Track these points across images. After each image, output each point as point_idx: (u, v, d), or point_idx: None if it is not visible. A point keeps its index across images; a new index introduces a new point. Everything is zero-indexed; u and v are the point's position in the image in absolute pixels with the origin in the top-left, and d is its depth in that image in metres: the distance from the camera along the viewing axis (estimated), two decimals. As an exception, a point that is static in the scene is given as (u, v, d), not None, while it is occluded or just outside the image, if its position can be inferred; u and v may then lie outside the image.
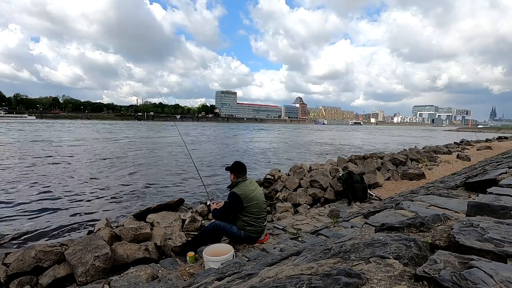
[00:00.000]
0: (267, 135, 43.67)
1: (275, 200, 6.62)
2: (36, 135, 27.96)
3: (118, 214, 6.18)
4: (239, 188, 3.23)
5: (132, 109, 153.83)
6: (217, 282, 1.58)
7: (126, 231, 3.73)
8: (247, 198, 3.19)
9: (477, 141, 20.72)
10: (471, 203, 1.73)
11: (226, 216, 3.32)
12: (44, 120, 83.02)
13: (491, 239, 1.05)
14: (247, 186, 3.27)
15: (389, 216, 2.39)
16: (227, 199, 3.34)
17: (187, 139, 28.63)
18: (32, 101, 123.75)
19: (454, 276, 0.78)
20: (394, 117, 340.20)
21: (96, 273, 2.71)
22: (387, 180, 7.35)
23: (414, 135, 57.23)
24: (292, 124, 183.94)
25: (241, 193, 3.18)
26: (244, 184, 3.28)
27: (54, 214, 6.04)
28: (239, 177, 3.35)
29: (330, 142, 30.98)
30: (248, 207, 3.20)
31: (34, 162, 12.46)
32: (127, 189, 8.33)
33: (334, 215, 4.42)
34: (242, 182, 3.30)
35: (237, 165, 3.39)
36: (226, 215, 3.32)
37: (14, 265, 2.91)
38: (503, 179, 2.60)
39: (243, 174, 3.38)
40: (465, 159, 10.12)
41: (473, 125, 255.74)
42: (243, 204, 3.17)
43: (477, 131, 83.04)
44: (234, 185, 3.33)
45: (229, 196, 3.29)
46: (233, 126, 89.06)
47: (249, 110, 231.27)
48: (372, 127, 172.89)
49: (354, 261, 1.04)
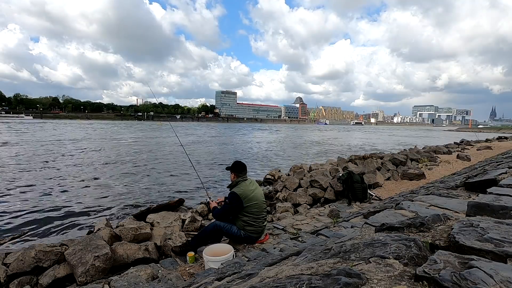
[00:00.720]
0: (268, 135, 43.66)
1: (275, 200, 6.62)
2: (32, 135, 27.96)
3: (118, 214, 6.18)
4: (239, 188, 3.23)
5: (132, 109, 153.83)
6: (217, 282, 1.58)
7: (126, 231, 3.73)
8: (247, 198, 3.18)
9: (477, 141, 20.71)
10: (471, 203, 1.73)
11: (226, 216, 3.32)
12: (43, 120, 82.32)
13: (491, 239, 1.05)
14: (247, 186, 3.26)
15: (389, 216, 2.39)
16: (227, 199, 3.33)
17: (187, 139, 28.65)
18: (32, 101, 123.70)
19: (454, 276, 0.78)
20: (394, 117, 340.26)
21: (96, 273, 2.71)
22: (387, 180, 7.35)
23: (414, 135, 57.24)
24: (292, 124, 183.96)
25: (241, 193, 3.18)
26: (244, 184, 3.28)
27: (54, 214, 6.05)
28: (239, 176, 3.34)
29: (330, 142, 30.98)
30: (248, 207, 3.20)
31: (34, 162, 12.46)
32: (127, 189, 8.33)
33: (334, 215, 4.42)
34: (242, 182, 3.30)
35: (238, 165, 3.39)
36: (226, 215, 3.31)
37: (14, 265, 2.91)
38: (503, 179, 2.60)
39: (243, 173, 3.37)
40: (465, 159, 10.12)
41: (473, 125, 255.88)
42: (243, 204, 3.17)
43: (477, 131, 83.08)
44: (234, 185, 3.32)
45: (229, 196, 3.28)
46: (234, 126, 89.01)
47: (249, 110, 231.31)
48: (373, 127, 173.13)
49: (354, 261, 1.04)
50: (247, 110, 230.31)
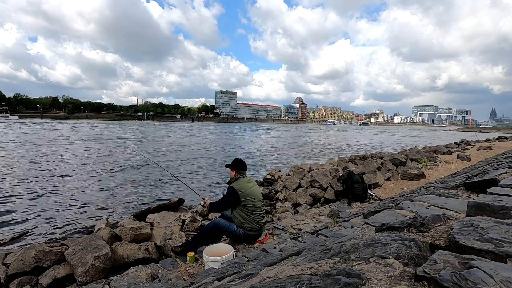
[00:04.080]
0: (268, 135, 43.67)
1: (275, 200, 6.62)
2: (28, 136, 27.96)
3: (118, 214, 6.18)
4: (237, 183, 3.35)
5: (132, 109, 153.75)
6: (217, 282, 1.58)
7: (126, 231, 3.73)
8: (244, 193, 3.28)
9: (477, 141, 20.72)
10: (471, 203, 1.73)
11: (222, 208, 3.48)
12: (34, 120, 78.09)
13: (491, 239, 1.05)
14: (245, 182, 3.38)
15: (389, 216, 2.39)
16: (226, 194, 3.46)
17: (188, 140, 28.64)
18: (32, 101, 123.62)
19: (454, 276, 0.78)
20: (394, 117, 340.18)
21: (96, 273, 2.72)
22: (387, 180, 7.35)
23: (414, 134, 57.24)
24: (292, 124, 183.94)
25: (238, 187, 3.29)
26: (242, 180, 3.39)
27: (54, 214, 6.04)
28: (239, 173, 3.45)
29: (331, 142, 30.99)
30: (245, 202, 3.29)
31: (34, 162, 12.46)
32: (127, 189, 8.33)
33: (334, 215, 4.42)
34: (240, 178, 3.41)
35: (238, 162, 3.51)
36: (222, 207, 3.46)
37: (14, 265, 2.91)
38: (503, 179, 2.60)
39: (243, 171, 3.48)
40: (465, 159, 10.12)
41: (474, 125, 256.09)
42: (239, 197, 3.27)
43: (478, 131, 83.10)
44: (233, 181, 3.43)
45: (227, 190, 3.41)
46: (234, 126, 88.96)
47: (249, 110, 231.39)
48: (374, 127, 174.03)
49: (354, 261, 1.04)
50: (247, 110, 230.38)
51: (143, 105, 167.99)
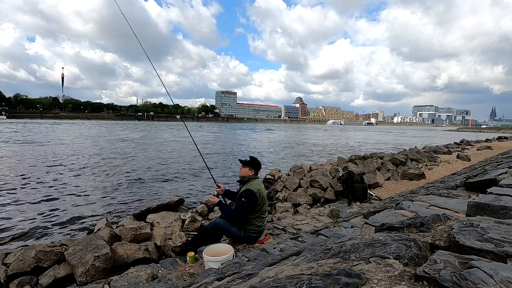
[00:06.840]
0: (269, 135, 43.66)
1: (275, 200, 6.62)
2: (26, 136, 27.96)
3: (118, 214, 6.18)
4: (254, 186, 3.12)
5: (132, 109, 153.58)
6: (217, 282, 1.58)
7: (126, 231, 3.73)
8: (261, 196, 3.13)
9: (477, 141, 20.71)
10: (471, 203, 1.73)
11: (243, 216, 3.10)
12: (25, 120, 73.77)
13: (491, 239, 1.05)
14: (260, 184, 3.21)
15: (389, 216, 2.39)
16: (242, 197, 3.12)
17: (187, 140, 28.64)
18: (32, 101, 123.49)
19: (454, 276, 0.78)
20: (394, 117, 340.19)
21: (96, 273, 2.71)
22: (387, 180, 7.35)
23: (414, 134, 57.23)
24: (292, 124, 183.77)
25: (257, 191, 3.09)
26: (257, 182, 3.20)
27: (54, 214, 6.04)
28: (256, 173, 3.27)
29: (331, 142, 30.98)
30: (259, 206, 3.17)
31: (33, 162, 12.45)
32: (127, 189, 8.33)
33: (334, 215, 4.41)
34: (254, 179, 3.23)
35: (257, 162, 3.29)
36: (243, 214, 3.09)
37: (14, 265, 2.91)
38: (503, 179, 2.60)
39: (258, 171, 3.34)
40: (465, 159, 10.12)
41: (474, 125, 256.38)
42: (257, 202, 3.07)
43: (478, 131, 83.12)
44: (246, 181, 3.21)
45: (245, 193, 3.10)
46: (234, 126, 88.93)
47: (249, 110, 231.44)
48: (378, 127, 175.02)
49: (354, 261, 1.04)
50: (247, 110, 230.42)
51: (143, 105, 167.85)
